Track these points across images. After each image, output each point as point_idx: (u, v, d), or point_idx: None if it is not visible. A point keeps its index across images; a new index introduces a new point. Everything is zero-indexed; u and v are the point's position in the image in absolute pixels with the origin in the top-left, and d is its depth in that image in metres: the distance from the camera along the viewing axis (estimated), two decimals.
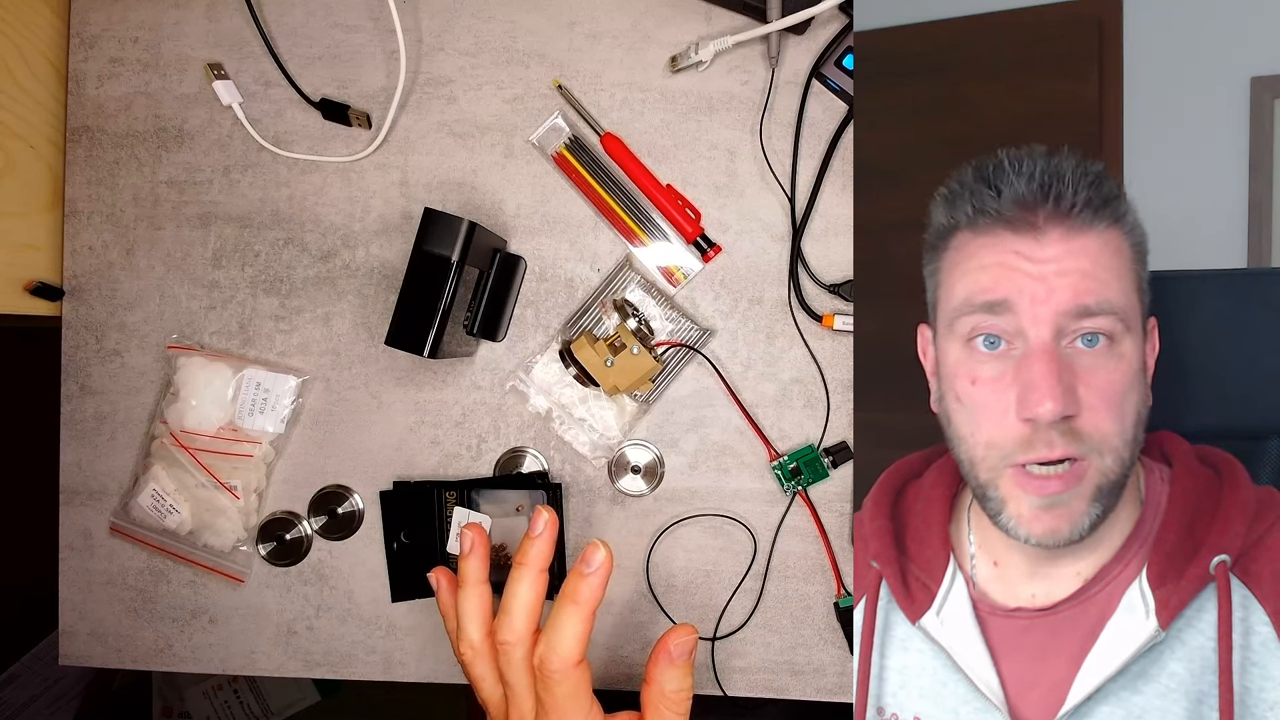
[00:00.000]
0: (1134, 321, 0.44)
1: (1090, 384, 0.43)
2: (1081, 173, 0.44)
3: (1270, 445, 0.53)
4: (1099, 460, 0.43)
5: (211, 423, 0.66)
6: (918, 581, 0.49)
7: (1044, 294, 0.43)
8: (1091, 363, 0.43)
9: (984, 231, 0.45)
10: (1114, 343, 0.43)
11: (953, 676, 0.47)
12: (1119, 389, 0.43)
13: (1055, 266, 0.43)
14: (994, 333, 0.44)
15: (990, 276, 0.44)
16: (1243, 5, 0.92)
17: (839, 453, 0.65)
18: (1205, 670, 0.42)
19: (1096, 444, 0.43)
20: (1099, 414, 0.43)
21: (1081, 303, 0.43)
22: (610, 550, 0.44)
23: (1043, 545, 0.44)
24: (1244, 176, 0.92)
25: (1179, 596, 0.42)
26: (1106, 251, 0.44)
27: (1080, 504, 0.43)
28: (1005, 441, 0.44)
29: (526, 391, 0.67)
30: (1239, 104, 0.92)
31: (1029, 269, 0.43)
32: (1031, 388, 0.43)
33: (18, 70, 0.66)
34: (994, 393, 0.44)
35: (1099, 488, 0.43)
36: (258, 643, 0.69)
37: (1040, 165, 0.44)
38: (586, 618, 0.43)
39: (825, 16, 0.65)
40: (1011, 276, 0.44)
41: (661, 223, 0.66)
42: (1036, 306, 0.43)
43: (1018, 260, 0.44)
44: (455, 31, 0.68)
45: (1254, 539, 0.43)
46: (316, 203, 0.68)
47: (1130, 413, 0.44)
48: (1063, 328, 0.43)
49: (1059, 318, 0.43)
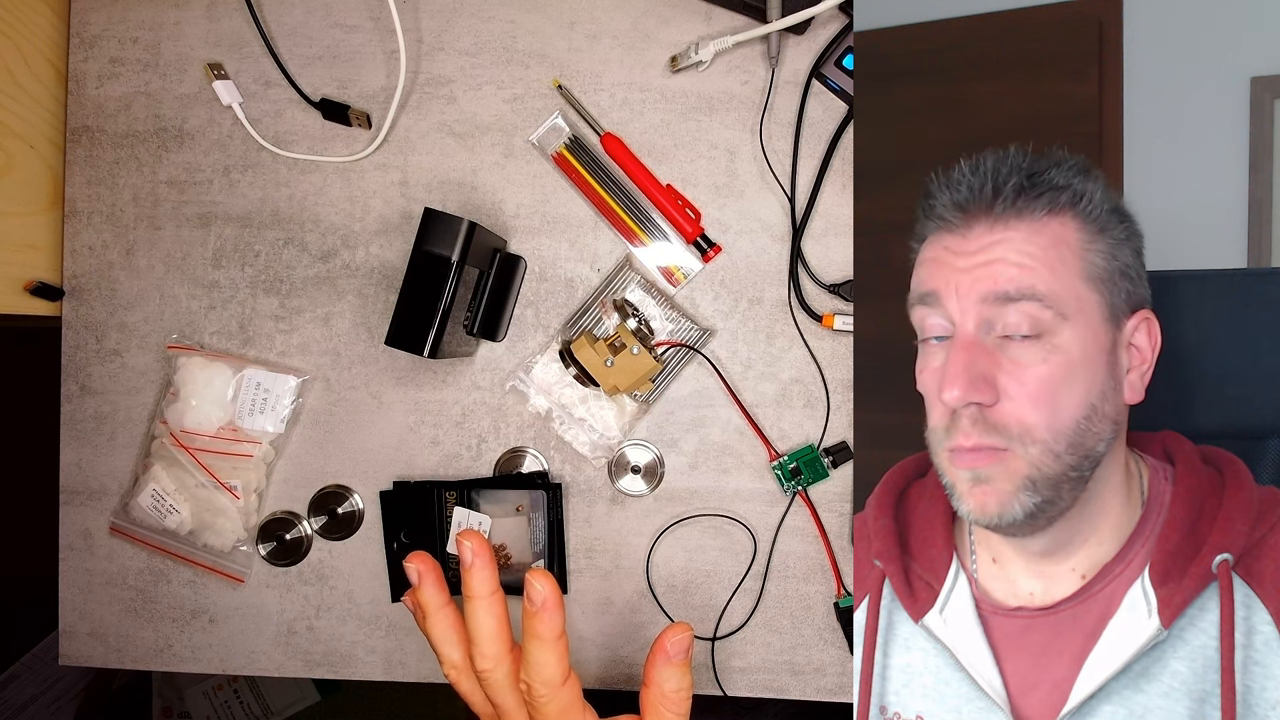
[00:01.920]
0: (1076, 311, 0.44)
1: (1015, 374, 0.43)
2: (1018, 165, 0.45)
3: (1270, 445, 0.53)
4: (1023, 450, 0.43)
5: (211, 423, 0.66)
6: (921, 580, 0.49)
7: (967, 284, 0.44)
8: (1019, 354, 0.43)
9: (933, 232, 0.47)
10: (1045, 336, 0.43)
11: (955, 675, 0.47)
12: (1049, 381, 0.43)
13: (980, 258, 0.44)
14: (934, 325, 0.46)
15: (925, 271, 0.46)
16: (1243, 5, 0.92)
17: (839, 453, 0.65)
18: (1208, 669, 0.42)
19: (1018, 435, 0.43)
20: (1020, 404, 0.43)
21: (999, 289, 0.43)
22: (552, 580, 0.42)
23: (980, 523, 0.45)
24: (1244, 176, 0.92)
25: (1181, 595, 0.42)
26: (1039, 240, 0.44)
27: (1006, 486, 0.43)
28: (939, 427, 0.46)
29: (526, 391, 0.67)
30: (1239, 104, 0.92)
31: (956, 263, 0.45)
32: (943, 373, 0.44)
33: (18, 70, 0.66)
34: (933, 380, 0.46)
35: (1029, 478, 0.43)
36: (258, 643, 0.69)
37: (983, 165, 0.45)
38: (554, 646, 0.43)
39: (825, 16, 0.65)
40: (940, 270, 0.45)
41: (661, 223, 0.66)
42: (960, 298, 0.44)
43: (947, 255, 0.45)
44: (455, 31, 0.68)
45: (1257, 538, 0.43)
46: (316, 203, 0.68)
47: (1070, 407, 0.43)
48: (988, 318, 0.44)
49: (979, 306, 0.44)
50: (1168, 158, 0.95)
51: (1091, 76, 0.95)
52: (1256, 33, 0.92)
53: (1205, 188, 0.94)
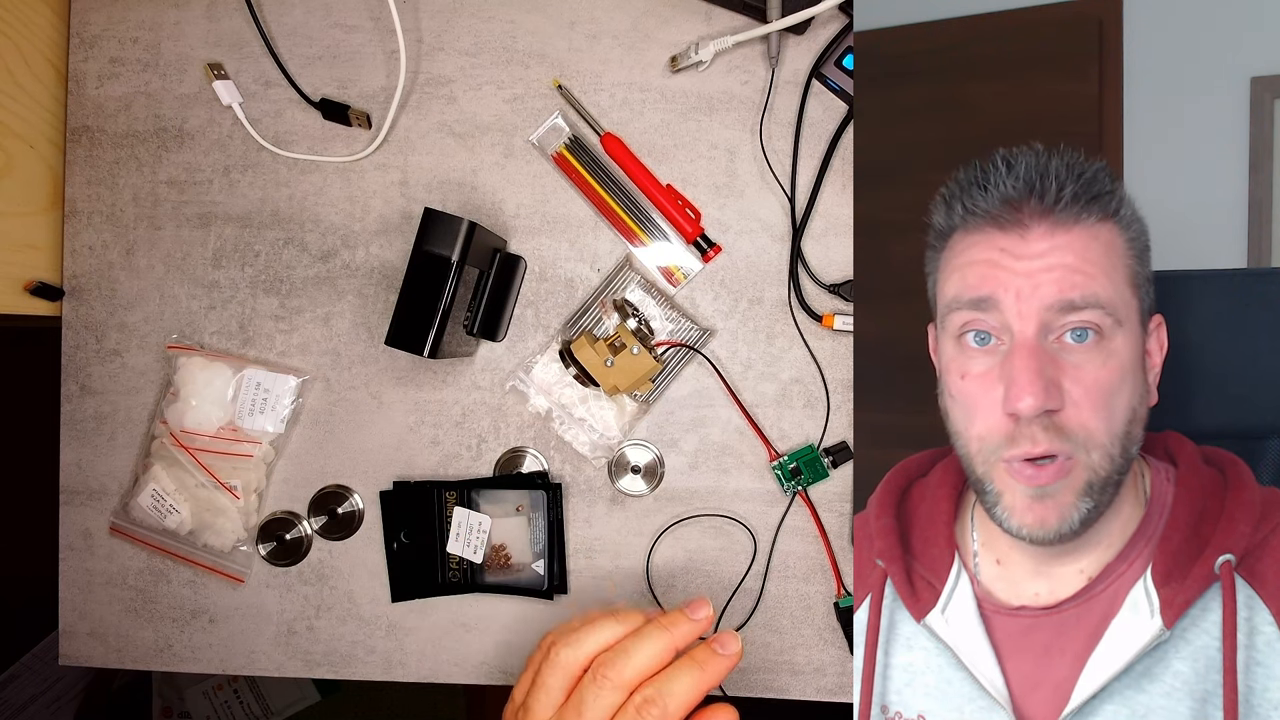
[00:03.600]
0: (1126, 316, 0.44)
1: (1077, 379, 0.43)
2: (1069, 168, 0.44)
3: (1270, 445, 0.53)
4: (1085, 456, 0.43)
5: (211, 423, 0.66)
6: (923, 580, 0.49)
7: (1029, 289, 0.43)
8: (1079, 358, 0.43)
9: (974, 230, 0.45)
10: (1103, 338, 0.43)
11: (957, 675, 0.47)
12: (1107, 385, 0.43)
13: (1040, 262, 0.43)
14: (982, 329, 0.44)
15: (977, 273, 0.45)
16: (1243, 5, 0.92)
17: (839, 453, 0.65)
18: (1210, 669, 0.42)
19: (1082, 440, 0.43)
20: (1084, 410, 0.43)
21: (1066, 297, 0.43)
22: (742, 647, 0.44)
23: (1034, 539, 0.44)
24: (1244, 176, 0.92)
25: (1184, 595, 0.43)
26: (1095, 246, 0.44)
27: (1069, 496, 0.43)
28: (993, 436, 0.44)
29: (526, 391, 0.67)
30: (1239, 104, 0.92)
31: (1014, 265, 0.44)
32: (1013, 382, 0.43)
33: (18, 70, 0.66)
34: (982, 388, 0.45)
35: (1089, 483, 0.43)
36: (258, 643, 0.69)
37: (1028, 163, 0.44)
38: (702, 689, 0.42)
39: (825, 16, 0.65)
40: (997, 273, 0.44)
41: (661, 223, 0.66)
42: (1021, 302, 0.43)
43: (1003, 257, 0.44)
44: (455, 31, 0.68)
45: (1259, 539, 0.43)
46: (316, 203, 0.68)
47: (1121, 410, 0.44)
48: (1048, 323, 0.43)
49: (1044, 312, 0.43)
50: (1168, 158, 0.95)
51: (1091, 76, 0.95)
52: (1256, 33, 0.92)
53: (1205, 188, 0.94)
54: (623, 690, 0.42)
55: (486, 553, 0.66)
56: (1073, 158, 0.45)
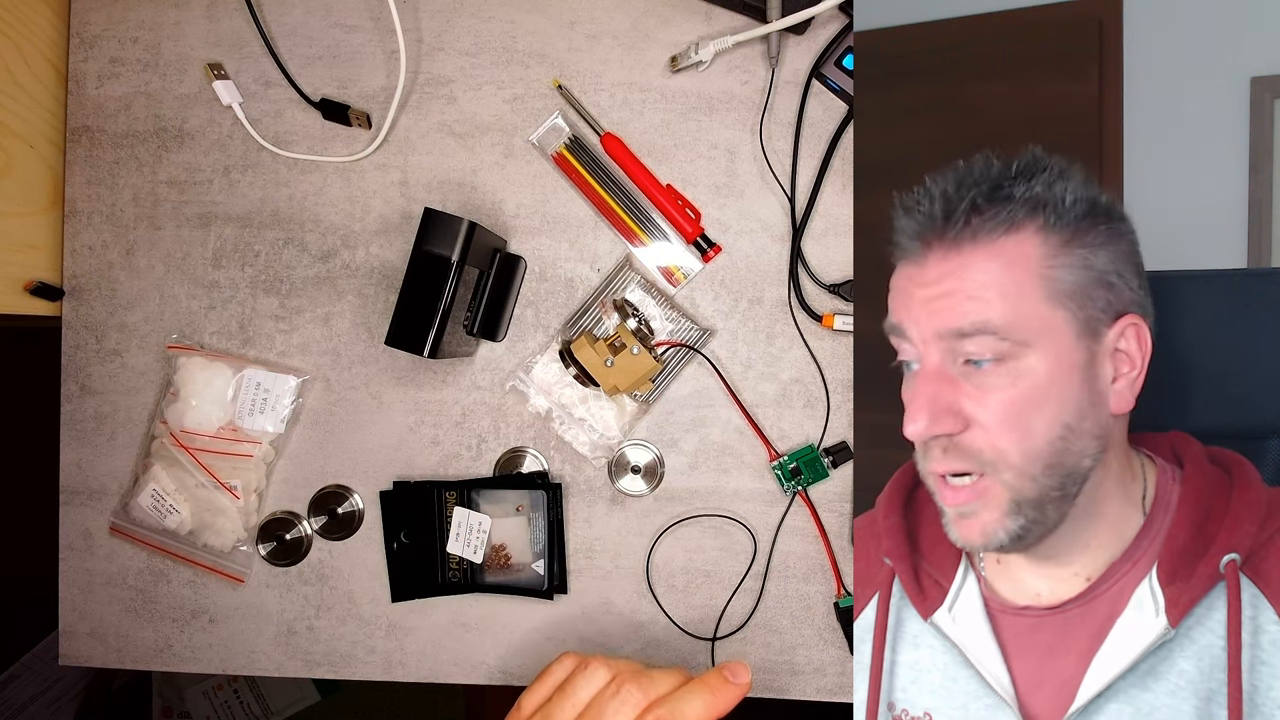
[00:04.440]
0: (1037, 336, 0.43)
1: (980, 401, 0.43)
2: (973, 182, 0.43)
3: (1270, 445, 0.53)
4: (996, 476, 0.43)
5: (211, 423, 0.66)
6: (930, 578, 0.49)
7: (925, 318, 0.44)
8: (984, 381, 0.43)
9: (897, 260, 0.47)
10: (1007, 360, 0.43)
11: (963, 673, 0.48)
12: (1017, 406, 0.43)
13: (934, 290, 0.44)
14: (906, 357, 0.46)
15: (891, 301, 0.47)
16: (1242, 5, 0.92)
17: (839, 453, 0.65)
18: (1214, 668, 0.42)
19: (990, 460, 0.43)
20: (991, 431, 0.43)
21: (953, 326, 0.43)
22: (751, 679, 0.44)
23: (970, 550, 0.46)
24: (1244, 176, 0.92)
25: (1189, 595, 0.43)
26: (993, 267, 0.43)
27: (990, 515, 0.44)
28: (918, 451, 0.46)
29: (526, 391, 0.67)
30: (1239, 104, 0.92)
31: (915, 294, 0.45)
32: (908, 405, 0.45)
33: (18, 70, 0.66)
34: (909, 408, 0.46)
35: (1014, 502, 0.43)
36: (258, 643, 0.69)
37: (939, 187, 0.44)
38: (713, 714, 0.42)
39: (825, 16, 0.65)
40: (902, 301, 0.46)
41: (661, 223, 0.66)
42: (919, 330, 0.44)
43: (909, 285, 0.45)
44: (455, 31, 0.68)
45: (1264, 539, 0.43)
46: (316, 203, 0.68)
47: (1042, 429, 0.43)
48: (949, 348, 0.44)
49: (939, 340, 0.44)
50: (1168, 158, 0.95)
51: (1091, 76, 0.95)
52: (1256, 33, 0.92)
53: (1205, 188, 0.94)
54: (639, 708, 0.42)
55: (486, 553, 0.66)
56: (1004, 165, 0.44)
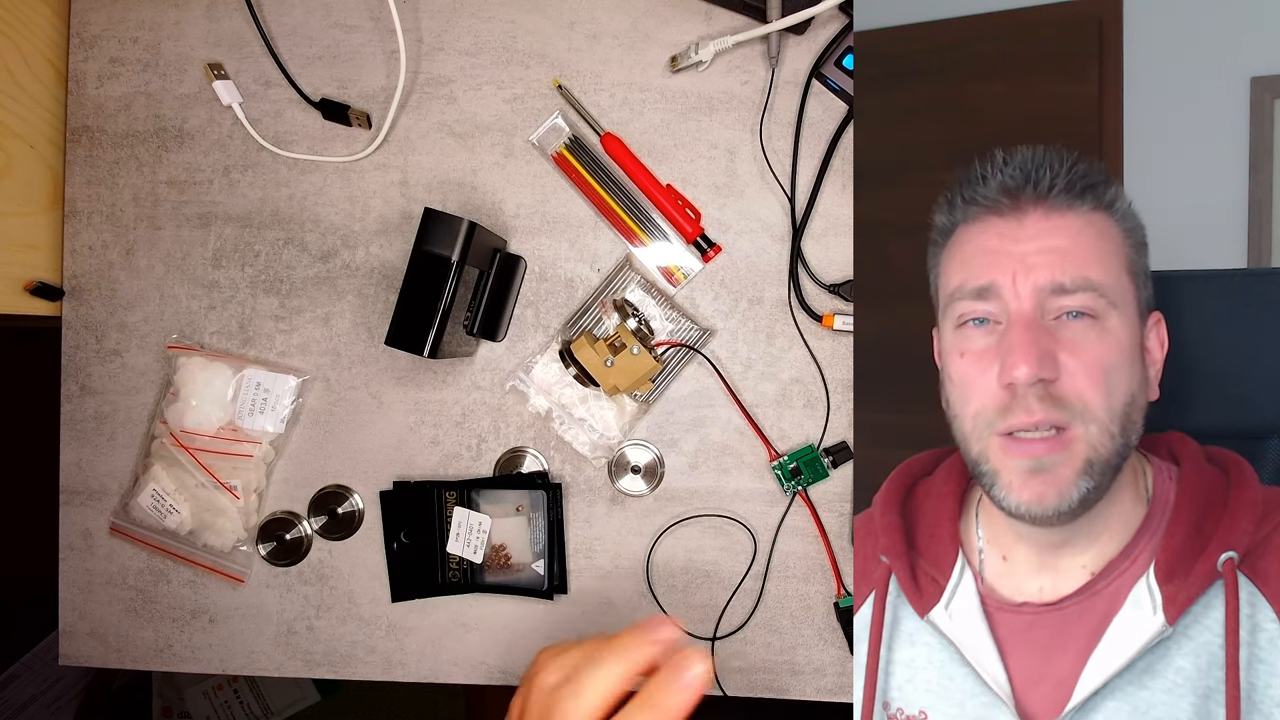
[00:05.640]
0: (1121, 301, 0.45)
1: (1074, 352, 0.44)
2: (1063, 160, 0.46)
3: (1270, 445, 0.53)
4: (1083, 429, 0.44)
5: (211, 423, 0.66)
6: (926, 576, 0.49)
7: (1024, 271, 0.45)
8: (1075, 334, 0.44)
9: (975, 220, 0.47)
10: (1099, 318, 0.44)
11: (960, 671, 0.47)
12: (1105, 360, 0.44)
13: (1034, 245, 0.45)
14: (981, 315, 0.46)
15: (979, 263, 0.46)
16: (1242, 5, 0.92)
17: (839, 453, 0.65)
18: (1212, 666, 0.42)
19: (1079, 410, 0.44)
20: (1079, 380, 0.44)
21: (1057, 280, 0.44)
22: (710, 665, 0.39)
23: (1032, 516, 0.44)
24: (1244, 176, 0.92)
25: (1187, 592, 0.43)
26: (1088, 231, 0.45)
27: (1068, 472, 0.44)
28: (989, 408, 0.45)
29: (526, 391, 0.67)
30: (1239, 104, 0.92)
31: (1011, 248, 0.45)
32: (1009, 352, 0.44)
33: (18, 70, 0.66)
34: (979, 364, 0.46)
35: (1088, 460, 0.44)
36: (258, 643, 0.69)
37: (1025, 156, 0.46)
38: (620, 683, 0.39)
39: (825, 16, 0.65)
40: (996, 259, 0.46)
41: (661, 223, 0.66)
42: (1017, 284, 0.45)
43: (1001, 242, 0.46)
44: (455, 31, 0.68)
45: (1261, 537, 0.43)
46: (316, 203, 0.68)
47: (1120, 388, 0.44)
48: (1043, 304, 0.44)
49: (1038, 293, 0.44)
50: (1168, 158, 0.95)
51: (1091, 76, 0.95)
52: (1256, 33, 0.92)
53: (1205, 188, 0.94)
54: None
55: (486, 553, 0.66)
56: (1068, 154, 0.47)
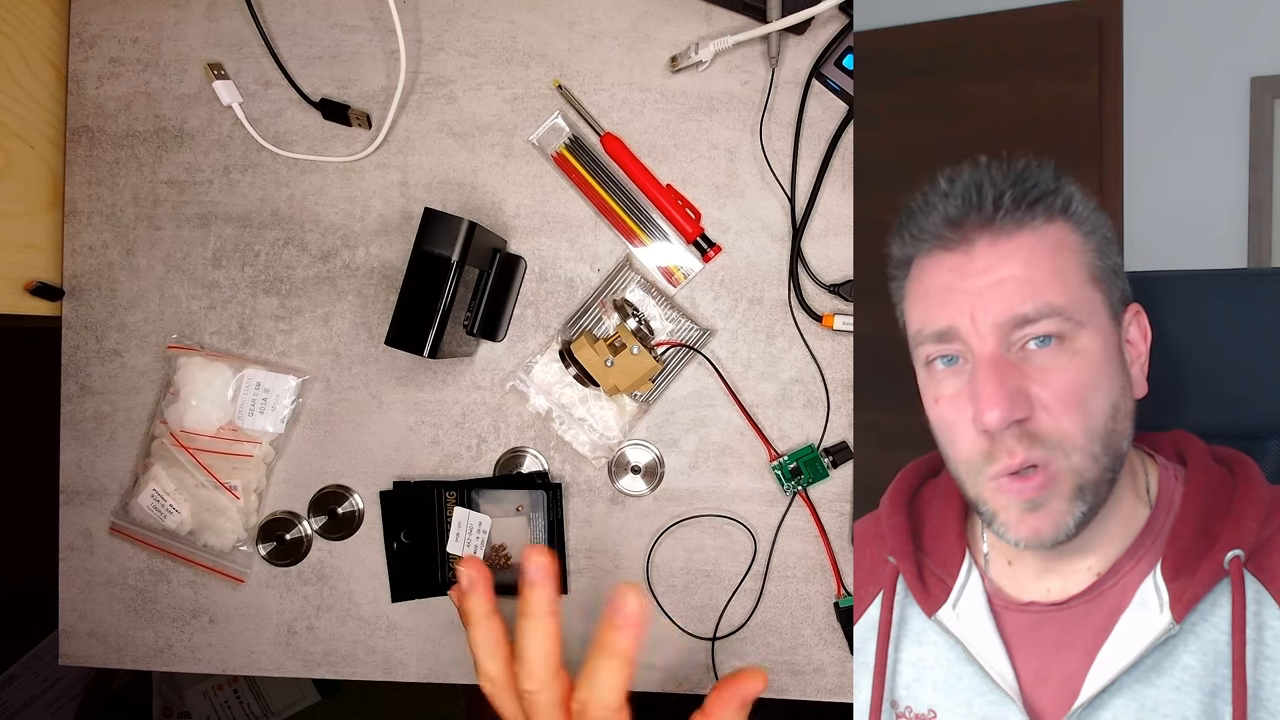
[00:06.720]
0: (1089, 315, 0.44)
1: (1045, 382, 0.43)
2: (1005, 175, 0.44)
3: (1270, 445, 0.53)
4: (1065, 461, 0.43)
5: (211, 423, 0.66)
6: (934, 576, 0.49)
7: (981, 309, 0.43)
8: (1045, 362, 0.43)
9: (926, 255, 0.46)
10: (1066, 340, 0.43)
11: (967, 669, 0.48)
12: (1078, 383, 0.43)
13: (988, 279, 0.43)
14: (947, 354, 0.45)
15: (935, 303, 0.45)
16: (1242, 5, 0.92)
17: (839, 453, 0.65)
18: (1218, 663, 0.42)
19: (1058, 443, 0.43)
20: (1055, 411, 0.43)
21: (1018, 312, 0.43)
22: (643, 600, 0.40)
23: (1030, 548, 0.45)
24: (1244, 176, 0.92)
25: (1193, 590, 0.43)
26: (1042, 250, 0.44)
27: (1060, 504, 0.44)
28: (974, 456, 0.45)
29: (526, 391, 0.67)
30: (1239, 104, 0.92)
31: (964, 285, 0.44)
32: (978, 398, 0.43)
33: (18, 70, 0.66)
34: (955, 407, 0.45)
35: (1078, 487, 0.43)
36: (258, 643, 0.69)
37: (965, 180, 0.44)
38: (624, 667, 0.40)
39: (825, 16, 0.65)
40: (949, 297, 0.44)
41: (661, 223, 0.66)
42: (977, 322, 0.44)
43: (953, 278, 0.44)
44: (455, 31, 0.68)
45: (1267, 535, 0.43)
46: (316, 203, 0.68)
47: (1098, 407, 0.43)
48: (1007, 337, 0.43)
49: (999, 330, 0.43)
50: (1168, 158, 0.95)
51: (1091, 76, 0.95)
52: (1256, 33, 0.92)
53: (1205, 188, 0.94)
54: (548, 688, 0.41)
55: (486, 553, 0.66)
56: (1013, 164, 0.45)
